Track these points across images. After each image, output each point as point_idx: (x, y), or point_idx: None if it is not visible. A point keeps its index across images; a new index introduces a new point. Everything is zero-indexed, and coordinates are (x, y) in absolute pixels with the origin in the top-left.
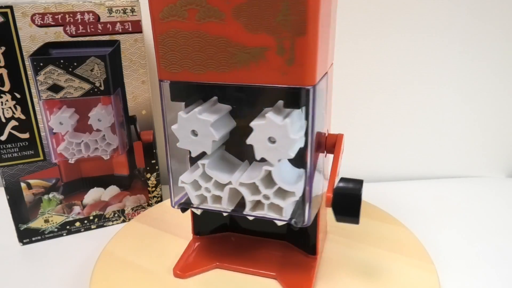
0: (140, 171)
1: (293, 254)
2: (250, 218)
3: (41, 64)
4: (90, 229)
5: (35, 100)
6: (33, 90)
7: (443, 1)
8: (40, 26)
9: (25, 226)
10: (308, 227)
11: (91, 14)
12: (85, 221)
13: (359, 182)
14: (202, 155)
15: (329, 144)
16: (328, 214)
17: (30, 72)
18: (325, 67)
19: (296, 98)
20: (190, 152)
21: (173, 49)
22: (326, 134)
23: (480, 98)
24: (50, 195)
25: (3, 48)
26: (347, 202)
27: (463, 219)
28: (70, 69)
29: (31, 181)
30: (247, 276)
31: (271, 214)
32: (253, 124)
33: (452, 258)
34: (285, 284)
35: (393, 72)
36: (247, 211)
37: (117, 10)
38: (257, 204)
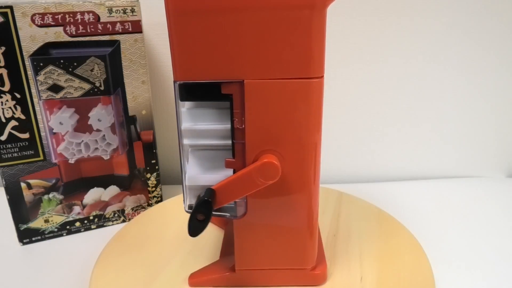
0: (140, 171)
1: None
2: None
3: (41, 64)
4: (90, 229)
5: (35, 100)
6: (33, 90)
7: (444, 0)
8: (40, 26)
9: (25, 226)
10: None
11: (91, 14)
12: (85, 221)
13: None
14: None
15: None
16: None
17: (30, 72)
18: None
19: None
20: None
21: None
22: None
23: (480, 98)
24: (50, 195)
25: (3, 48)
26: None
27: (463, 219)
28: (70, 69)
29: (31, 181)
30: None
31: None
32: None
33: (451, 258)
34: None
35: (392, 71)
36: None
37: (117, 10)
38: None
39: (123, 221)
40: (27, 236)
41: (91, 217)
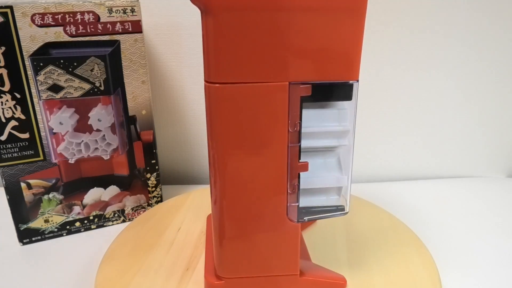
0: (140, 171)
1: None
2: None
3: (41, 64)
4: (90, 229)
5: (35, 100)
6: (33, 90)
7: (444, 0)
8: (40, 26)
9: (25, 226)
10: None
11: (91, 14)
12: (85, 221)
13: None
14: None
15: None
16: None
17: (30, 72)
18: None
19: None
20: None
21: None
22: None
23: (480, 98)
24: (50, 195)
25: (3, 48)
26: None
27: (463, 219)
28: (70, 69)
29: (31, 181)
30: None
31: None
32: None
33: (452, 257)
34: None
35: (393, 72)
36: None
37: (117, 10)
38: None
39: (123, 221)
40: (27, 236)
41: (91, 217)
